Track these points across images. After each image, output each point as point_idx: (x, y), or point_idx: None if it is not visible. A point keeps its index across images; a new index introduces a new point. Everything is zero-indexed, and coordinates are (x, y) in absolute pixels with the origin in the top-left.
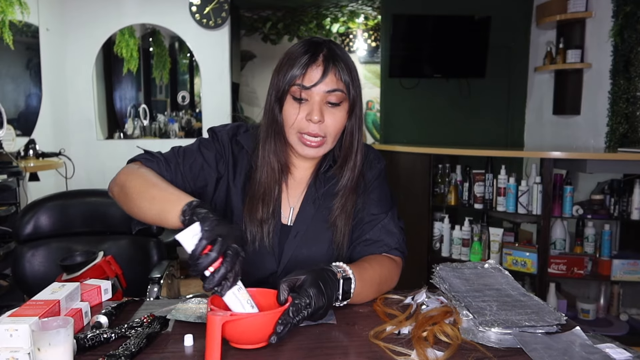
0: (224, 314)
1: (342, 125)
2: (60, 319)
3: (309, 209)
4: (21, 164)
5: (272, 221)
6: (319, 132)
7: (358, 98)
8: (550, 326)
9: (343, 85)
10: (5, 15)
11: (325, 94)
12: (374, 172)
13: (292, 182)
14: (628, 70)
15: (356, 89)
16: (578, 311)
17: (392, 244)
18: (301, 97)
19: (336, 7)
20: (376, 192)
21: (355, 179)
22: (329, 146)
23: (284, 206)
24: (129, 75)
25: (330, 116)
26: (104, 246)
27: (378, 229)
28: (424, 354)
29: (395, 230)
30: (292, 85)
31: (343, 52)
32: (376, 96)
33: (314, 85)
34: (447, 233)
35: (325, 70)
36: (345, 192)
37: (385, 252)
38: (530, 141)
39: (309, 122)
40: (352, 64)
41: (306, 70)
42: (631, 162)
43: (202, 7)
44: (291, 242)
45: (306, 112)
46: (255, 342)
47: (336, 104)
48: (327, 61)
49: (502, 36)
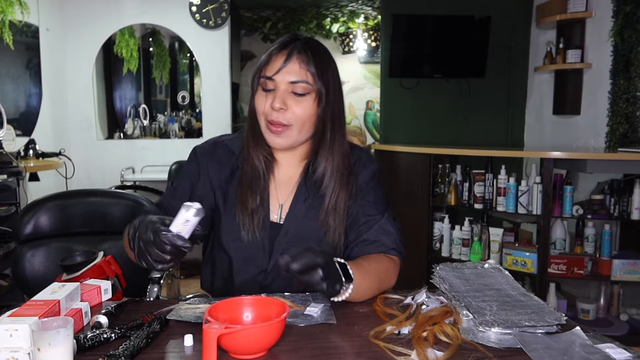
0: (219, 326)
1: (308, 115)
2: (60, 319)
3: (299, 207)
4: (21, 164)
5: (261, 211)
6: (282, 120)
7: (331, 89)
8: (550, 326)
9: (309, 76)
10: (5, 15)
11: (289, 84)
12: (367, 172)
13: (281, 180)
14: (628, 70)
15: (326, 81)
16: (578, 311)
17: (389, 244)
18: (267, 87)
19: (336, 7)
20: (371, 193)
21: (342, 173)
22: (295, 135)
23: (273, 202)
24: (129, 75)
25: (295, 105)
26: (104, 246)
27: (375, 229)
28: (424, 354)
29: (392, 230)
30: (260, 74)
31: (319, 47)
32: (376, 96)
33: (276, 73)
34: (447, 233)
35: (288, 57)
36: (330, 182)
37: (382, 252)
38: (530, 141)
39: (272, 109)
40: (327, 58)
41: (270, 59)
42: (631, 162)
43: (202, 7)
44: (282, 239)
45: (271, 100)
46: (252, 353)
47: (302, 95)
48: (292, 51)
49: (502, 36)
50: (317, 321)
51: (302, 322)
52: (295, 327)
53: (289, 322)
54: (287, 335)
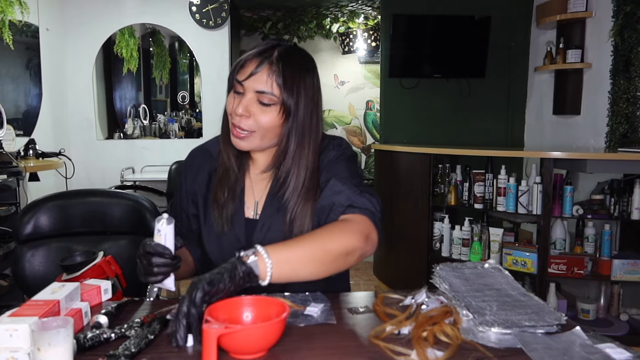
0: (219, 326)
1: (272, 125)
2: (60, 319)
3: (274, 202)
4: (21, 164)
5: (230, 205)
6: (243, 125)
7: (302, 104)
8: (551, 326)
9: (275, 88)
10: (5, 15)
11: (256, 93)
12: (333, 153)
13: (256, 178)
14: (628, 70)
15: (296, 95)
16: (578, 311)
17: (343, 202)
18: (237, 90)
19: (336, 7)
20: (333, 166)
21: (306, 189)
22: (258, 141)
23: (249, 199)
24: (129, 75)
25: (260, 113)
26: (104, 246)
27: (326, 193)
28: (424, 354)
29: (342, 188)
30: (233, 76)
31: (296, 57)
32: (376, 96)
33: (245, 79)
34: (447, 233)
35: (258, 66)
36: (294, 202)
37: (340, 213)
38: (530, 141)
39: (235, 114)
40: (303, 69)
41: (245, 62)
42: (631, 162)
43: (202, 7)
44: (258, 234)
45: (237, 104)
46: (252, 353)
47: (267, 105)
48: (264, 60)
49: (502, 36)
50: (317, 321)
51: (302, 322)
52: (295, 327)
53: (289, 322)
54: (287, 335)
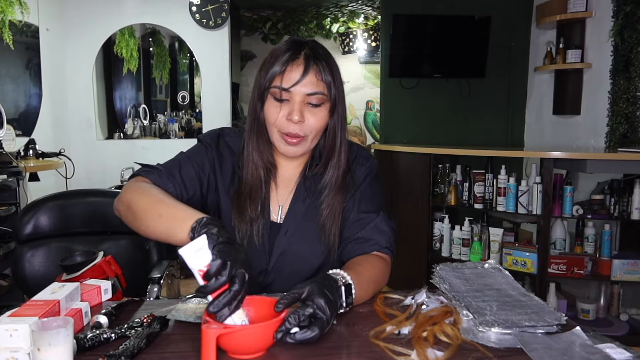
0: (217, 326)
1: (323, 124)
2: (60, 319)
3: (298, 206)
4: (21, 164)
5: (261, 220)
6: (299, 132)
7: (340, 97)
8: (551, 326)
9: (324, 86)
10: (5, 15)
11: (305, 96)
12: (364, 169)
13: (280, 181)
14: (628, 70)
15: (337, 88)
16: (578, 311)
17: (383, 243)
18: (282, 98)
19: (336, 7)
20: (367, 190)
21: (341, 178)
22: (309, 144)
23: (273, 204)
24: (129, 75)
25: (311, 116)
26: (104, 246)
27: (370, 227)
28: (424, 354)
29: (386, 229)
30: (273, 84)
31: (325, 51)
32: (376, 96)
33: (293, 86)
34: (447, 233)
35: (306, 70)
36: (331, 191)
37: (376, 250)
38: (530, 141)
39: (289, 122)
40: (334, 63)
41: (286, 68)
42: (631, 162)
43: (202, 7)
44: (281, 239)
45: (287, 111)
46: (250, 353)
47: (317, 105)
48: (307, 60)
49: (502, 36)
50: None
51: None
52: None
53: None
54: None
